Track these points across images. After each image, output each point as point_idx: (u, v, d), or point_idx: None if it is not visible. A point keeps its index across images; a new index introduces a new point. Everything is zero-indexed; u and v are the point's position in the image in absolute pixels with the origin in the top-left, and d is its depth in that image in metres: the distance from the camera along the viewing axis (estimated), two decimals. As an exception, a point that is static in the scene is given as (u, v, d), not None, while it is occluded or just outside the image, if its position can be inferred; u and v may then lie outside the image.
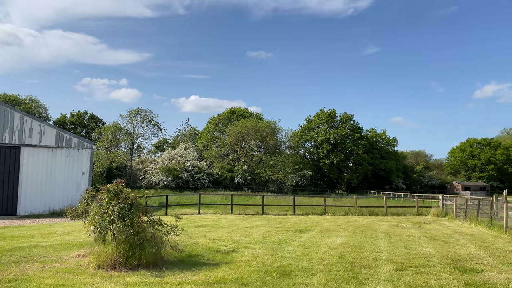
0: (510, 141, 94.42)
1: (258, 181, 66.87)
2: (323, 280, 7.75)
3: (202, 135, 79.35)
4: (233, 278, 7.78)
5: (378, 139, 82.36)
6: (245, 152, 67.95)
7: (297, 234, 14.66)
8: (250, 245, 11.95)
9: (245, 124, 66.92)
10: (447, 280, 7.90)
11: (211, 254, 10.36)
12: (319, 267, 8.88)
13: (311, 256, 10.18)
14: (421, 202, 30.21)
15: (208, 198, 34.53)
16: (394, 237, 14.12)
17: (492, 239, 14.11)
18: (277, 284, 7.38)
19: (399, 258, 10.07)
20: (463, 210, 21.06)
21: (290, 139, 72.54)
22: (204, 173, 63.24)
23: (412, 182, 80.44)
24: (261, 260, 9.58)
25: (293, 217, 23.03)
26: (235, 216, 23.16)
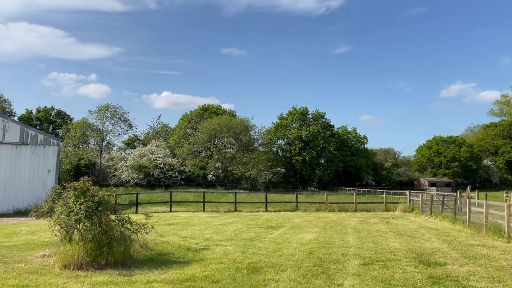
0: (474, 139, 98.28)
1: (231, 179, 66.79)
2: (292, 275, 7.85)
3: (174, 132, 78.46)
4: (203, 276, 7.76)
5: (349, 136, 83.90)
6: (218, 149, 67.70)
7: (268, 231, 14.76)
8: (222, 242, 11.95)
9: (218, 121, 66.63)
10: (412, 273, 8.17)
11: (181, 252, 10.29)
12: (289, 263, 8.99)
13: (281, 252, 10.28)
14: (390, 198, 31.06)
15: (180, 196, 34.20)
16: (362, 233, 14.45)
17: (455, 233, 14.66)
18: (247, 281, 7.42)
19: (367, 253, 10.32)
20: (429, 206, 21.79)
21: (263, 137, 72.83)
22: (176, 171, 62.57)
23: (381, 178, 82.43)
24: (232, 257, 9.60)
25: (265, 214, 23.16)
26: (207, 213, 23.07)
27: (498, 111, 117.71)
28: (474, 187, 69.50)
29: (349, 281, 7.47)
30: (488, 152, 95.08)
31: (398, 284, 7.32)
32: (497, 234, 13.17)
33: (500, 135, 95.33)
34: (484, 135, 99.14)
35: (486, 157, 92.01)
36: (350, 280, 7.54)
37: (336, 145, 77.51)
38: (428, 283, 7.42)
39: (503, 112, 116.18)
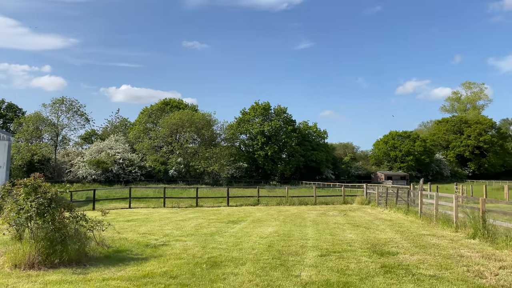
0: (427, 134, 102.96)
1: (193, 174, 66.17)
2: (251, 268, 7.95)
3: (134, 126, 76.56)
4: (162, 272, 7.69)
5: (310, 131, 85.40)
6: (179, 144, 66.81)
7: (229, 225, 14.81)
8: (182, 238, 11.87)
9: (179, 116, 65.69)
10: (366, 263, 8.50)
11: (140, 248, 10.13)
12: (249, 257, 9.08)
13: (242, 246, 10.37)
14: (348, 191, 31.98)
15: (140, 191, 33.54)
16: (321, 225, 14.83)
17: (408, 224, 15.36)
18: (206, 275, 7.43)
19: (325, 245, 10.62)
20: (384, 198, 22.68)
21: (226, 131, 72.68)
22: (136, 166, 61.17)
23: (340, 172, 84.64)
24: (192, 252, 9.57)
25: (227, 208, 23.19)
26: (167, 209, 22.79)
27: (449, 107, 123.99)
28: (427, 179, 72.95)
29: (306, 272, 7.67)
30: (440, 146, 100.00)
31: (352, 273, 7.59)
32: (446, 224, 13.92)
33: (451, 130, 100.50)
34: (436, 130, 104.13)
35: (438, 151, 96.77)
36: (307, 271, 7.74)
37: (298, 140, 78.71)
38: (380, 272, 7.75)
39: (454, 108, 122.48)
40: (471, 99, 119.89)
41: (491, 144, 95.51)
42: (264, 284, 6.86)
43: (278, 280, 7.14)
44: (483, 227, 11.54)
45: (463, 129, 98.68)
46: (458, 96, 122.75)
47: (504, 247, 9.89)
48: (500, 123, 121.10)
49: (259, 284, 6.89)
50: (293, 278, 7.28)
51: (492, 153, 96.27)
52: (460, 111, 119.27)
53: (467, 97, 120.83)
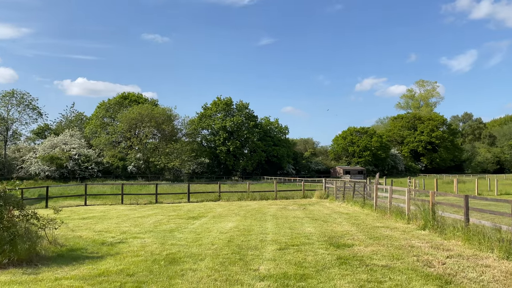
0: (383, 129, 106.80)
1: (153, 170, 64.89)
2: (210, 264, 7.95)
3: (91, 121, 73.91)
4: (118, 270, 7.53)
5: (271, 127, 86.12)
6: (139, 140, 65.24)
7: (189, 221, 14.70)
8: (140, 235, 11.65)
9: (139, 110, 64.07)
10: (323, 255, 8.73)
11: (95, 246, 9.85)
12: (208, 252, 9.08)
13: (201, 242, 10.33)
14: (308, 185, 32.61)
15: (97, 188, 32.51)
16: (281, 219, 15.04)
17: (363, 217, 15.90)
18: (164, 272, 7.35)
19: (283, 238, 10.79)
20: (342, 192, 23.33)
21: (187, 127, 71.74)
22: (92, 162, 59.15)
23: (301, 167, 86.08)
24: (150, 250, 9.43)
25: (187, 204, 22.98)
26: (125, 206, 22.26)
27: (404, 104, 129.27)
28: (382, 174, 75.73)
29: (265, 266, 7.77)
30: (395, 142, 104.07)
31: (309, 266, 7.78)
32: (399, 216, 14.54)
33: (406, 126, 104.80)
34: (392, 126, 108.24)
35: (394, 147, 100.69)
36: (265, 265, 7.84)
37: (260, 136, 79.16)
38: (336, 263, 7.99)
39: (408, 105, 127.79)
40: (424, 97, 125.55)
41: (442, 140, 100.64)
42: (222, 279, 6.89)
43: (237, 274, 7.19)
44: (432, 219, 12.15)
45: (417, 125, 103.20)
46: (413, 94, 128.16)
47: (452, 237, 10.48)
48: (450, 119, 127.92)
49: (218, 279, 6.91)
50: (252, 272, 7.36)
51: (443, 148, 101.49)
52: (414, 108, 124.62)
53: (420, 94, 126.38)
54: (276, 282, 6.71)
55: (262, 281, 6.76)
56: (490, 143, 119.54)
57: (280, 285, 6.56)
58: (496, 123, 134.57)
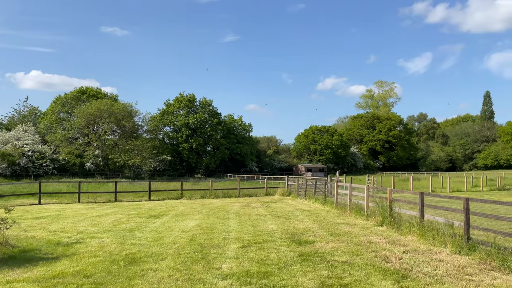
0: (343, 128, 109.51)
1: (112, 167, 63.06)
2: (172, 263, 7.81)
3: (46, 116, 70.65)
4: (74, 271, 7.23)
5: (235, 124, 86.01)
6: (97, 136, 63.12)
7: (150, 220, 14.39)
8: (98, 234, 11.27)
9: (97, 106, 61.96)
10: (285, 252, 8.81)
11: (50, 247, 9.42)
12: (170, 251, 8.92)
13: (162, 241, 10.14)
14: (270, 183, 32.83)
15: (52, 186, 31.16)
16: (244, 217, 15.05)
17: (325, 213, 16.21)
18: (123, 273, 7.14)
19: (246, 236, 10.80)
20: (304, 190, 23.68)
21: (148, 123, 70.15)
22: (47, 159, 56.64)
23: (264, 165, 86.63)
24: (109, 250, 9.14)
25: (148, 203, 22.50)
26: (83, 205, 21.47)
27: (364, 104, 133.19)
28: (343, 171, 77.63)
29: (227, 264, 7.74)
30: (355, 140, 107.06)
31: (272, 263, 7.82)
32: (359, 213, 14.94)
33: (365, 126, 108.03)
34: (352, 125, 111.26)
35: (354, 145, 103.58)
36: (228, 263, 7.81)
37: (223, 133, 78.87)
38: (298, 260, 8.09)
39: (368, 105, 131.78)
40: (383, 97, 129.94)
41: (399, 139, 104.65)
42: (184, 278, 6.78)
43: (199, 273, 7.11)
44: (390, 215, 12.58)
45: (375, 124, 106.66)
46: (372, 94, 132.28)
47: (407, 233, 10.89)
48: (407, 119, 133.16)
49: (179, 278, 6.80)
50: (214, 270, 7.30)
51: (400, 147, 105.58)
52: (373, 108, 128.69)
53: (379, 95, 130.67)
54: (238, 280, 6.69)
55: (225, 280, 6.72)
56: (443, 142, 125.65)
57: (243, 283, 6.55)
58: (449, 123, 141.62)
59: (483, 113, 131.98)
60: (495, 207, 16.73)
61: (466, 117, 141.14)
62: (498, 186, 35.13)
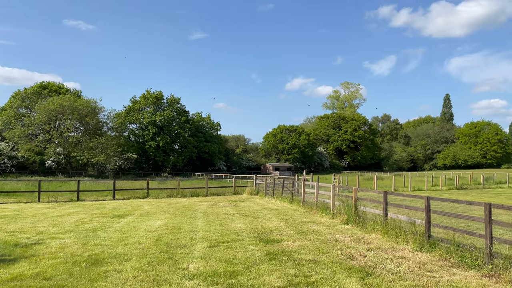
0: (311, 128, 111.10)
1: (75, 165, 61.00)
2: (137, 264, 7.63)
3: (4, 111, 67.35)
4: (34, 273, 6.93)
5: (203, 123, 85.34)
6: (59, 133, 60.85)
7: (115, 220, 14.02)
8: (59, 235, 10.85)
9: (60, 101, 59.74)
10: (252, 251, 8.81)
11: (7, 248, 8.99)
12: (135, 252, 8.71)
13: (127, 242, 9.89)
14: (239, 182, 32.80)
15: (10, 185, 29.75)
16: (211, 216, 14.94)
17: (292, 212, 16.36)
18: (85, 275, 6.91)
19: (214, 236, 10.72)
20: (271, 188, 23.82)
21: (113, 120, 68.35)
22: (5, 156, 54.08)
23: (232, 164, 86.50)
24: (70, 251, 8.82)
25: (112, 202, 21.91)
26: (43, 204, 20.62)
27: (330, 104, 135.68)
28: (310, 170, 78.75)
29: (194, 264, 7.65)
30: (321, 140, 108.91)
31: (239, 262, 7.81)
32: (325, 212, 15.18)
33: (331, 126, 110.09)
34: (319, 125, 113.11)
35: (320, 145, 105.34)
36: (195, 263, 7.72)
37: (191, 131, 78.07)
38: (265, 259, 8.11)
39: (334, 106, 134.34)
40: (349, 98, 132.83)
41: (363, 139, 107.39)
42: (150, 280, 6.64)
43: (165, 274, 6.98)
44: (355, 214, 12.87)
45: (341, 125, 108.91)
46: (338, 95, 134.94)
47: (372, 231, 11.17)
48: (371, 120, 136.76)
49: (145, 279, 6.65)
50: (181, 271, 7.19)
51: (365, 147, 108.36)
52: (339, 108, 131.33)
53: (345, 95, 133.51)
54: (205, 280, 6.62)
55: (192, 280, 6.64)
56: (405, 142, 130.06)
57: (210, 283, 6.49)
58: (411, 125, 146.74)
59: (443, 115, 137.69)
60: (454, 205, 17.47)
61: (427, 119, 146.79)
62: (456, 186, 36.74)
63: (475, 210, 15.56)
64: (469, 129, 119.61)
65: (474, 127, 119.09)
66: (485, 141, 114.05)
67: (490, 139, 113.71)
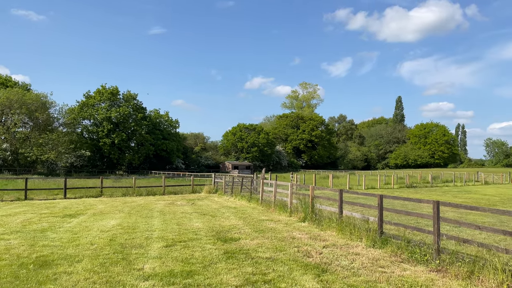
0: (270, 127, 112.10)
1: (22, 162, 57.79)
2: (89, 265, 7.34)
3: None
4: (-26, 278, 6.47)
5: (161, 120, 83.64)
6: (5, 128, 57.37)
7: (65, 220, 13.42)
8: (4, 236, 10.23)
9: (7, 95, 56.33)
10: (210, 250, 8.74)
11: None
12: (87, 253, 8.38)
13: (79, 242, 9.50)
14: (197, 180, 32.47)
15: (-51, 183, 27.68)
16: (168, 215, 14.67)
17: (250, 210, 16.41)
18: (33, 277, 6.55)
19: (171, 235, 10.53)
20: (230, 187, 23.78)
21: (65, 116, 65.37)
22: None
23: (191, 162, 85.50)
24: (17, 252, 8.34)
25: (63, 201, 20.96)
26: (-14, 203, 19.35)
27: (289, 104, 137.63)
28: (268, 169, 79.48)
29: (150, 265, 7.47)
30: (280, 139, 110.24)
31: (196, 262, 7.71)
32: (283, 210, 15.36)
33: (290, 125, 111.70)
34: (278, 124, 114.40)
35: (279, 143, 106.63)
36: (150, 264, 7.54)
37: (148, 128, 76.29)
38: (223, 258, 8.07)
39: (293, 105, 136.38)
40: (307, 98, 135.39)
41: (320, 139, 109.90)
42: (102, 281, 6.40)
43: (119, 275, 6.76)
44: (312, 212, 13.11)
45: (300, 124, 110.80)
46: (296, 95, 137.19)
47: (327, 228, 11.43)
48: (328, 120, 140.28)
49: (97, 281, 6.40)
50: (135, 271, 7.00)
51: (321, 146, 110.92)
52: (298, 108, 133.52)
53: (303, 96, 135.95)
54: (161, 280, 6.48)
55: (147, 281, 6.47)
56: (360, 142, 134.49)
57: (166, 283, 6.36)
58: (365, 125, 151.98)
59: (395, 117, 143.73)
60: (405, 203, 18.26)
61: (381, 120, 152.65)
62: (407, 184, 38.47)
63: (424, 208, 16.36)
64: (419, 130, 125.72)
65: (423, 129, 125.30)
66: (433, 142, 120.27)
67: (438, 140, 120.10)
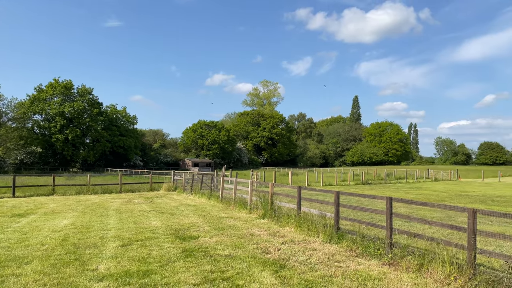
0: (231, 124, 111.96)
1: (-34, 159, 54.20)
2: (39, 267, 7.01)
3: None
4: None
5: (118, 116, 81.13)
6: None
7: (14, 219, 12.73)
8: None
9: None
10: (168, 249, 8.61)
11: None
12: (37, 254, 8.00)
13: (28, 243, 9.05)
14: (156, 178, 31.86)
15: None
16: (125, 214, 14.29)
17: (210, 208, 16.32)
18: (-24, 282, 6.16)
19: (127, 234, 10.26)
20: (190, 184, 23.52)
21: (15, 110, 61.83)
22: None
23: (149, 159, 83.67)
24: (-43, 255, 7.80)
25: (12, 200, 19.87)
26: None
27: (250, 101, 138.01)
28: (229, 166, 79.36)
29: (104, 265, 7.24)
30: (241, 136, 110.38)
31: (154, 261, 7.57)
32: (242, 207, 15.40)
33: (251, 122, 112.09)
34: (239, 121, 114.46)
35: (240, 141, 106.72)
36: (105, 264, 7.31)
37: (104, 124, 73.79)
38: (181, 256, 7.97)
39: (254, 103, 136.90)
40: (268, 96, 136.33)
41: (281, 136, 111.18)
42: (53, 283, 6.13)
43: (71, 276, 6.51)
44: (271, 208, 13.24)
45: (260, 122, 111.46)
46: (257, 92, 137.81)
47: (286, 225, 11.59)
48: (288, 118, 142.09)
49: (47, 283, 6.12)
50: (89, 272, 6.76)
51: (282, 144, 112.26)
52: (259, 105, 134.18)
53: (264, 93, 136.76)
54: (116, 281, 6.30)
55: (101, 282, 6.27)
56: (318, 140, 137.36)
57: (121, 284, 6.19)
58: (324, 123, 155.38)
59: (352, 115, 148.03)
60: (360, 199, 18.85)
61: (338, 118, 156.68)
62: (362, 181, 39.76)
63: (378, 204, 16.98)
64: (374, 129, 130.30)
65: (378, 127, 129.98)
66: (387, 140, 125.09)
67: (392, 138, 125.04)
